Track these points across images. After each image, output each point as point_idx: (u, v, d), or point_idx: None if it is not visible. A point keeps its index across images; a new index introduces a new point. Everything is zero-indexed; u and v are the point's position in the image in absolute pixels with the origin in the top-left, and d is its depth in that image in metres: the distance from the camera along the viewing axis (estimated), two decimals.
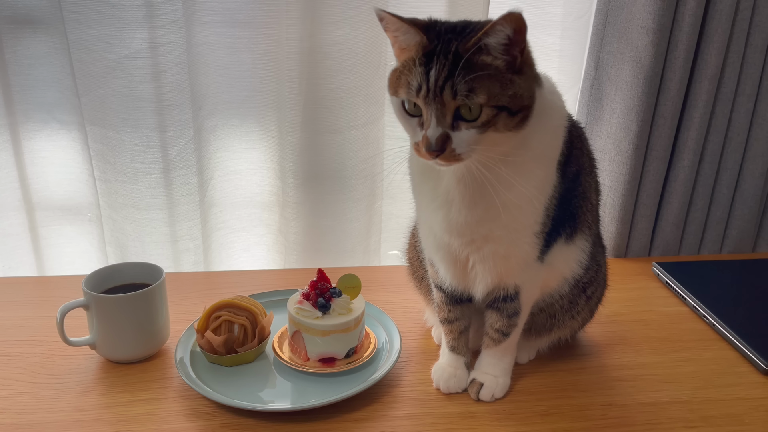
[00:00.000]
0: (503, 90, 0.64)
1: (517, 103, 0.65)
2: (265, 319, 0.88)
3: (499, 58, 0.64)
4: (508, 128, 0.66)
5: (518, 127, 0.67)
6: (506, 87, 0.65)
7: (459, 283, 0.82)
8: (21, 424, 0.77)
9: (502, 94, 0.64)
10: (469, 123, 0.65)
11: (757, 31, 1.12)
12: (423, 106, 0.66)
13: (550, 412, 0.81)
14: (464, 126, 0.65)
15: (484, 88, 0.63)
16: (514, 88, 0.65)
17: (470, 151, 0.66)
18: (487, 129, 0.65)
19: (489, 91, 0.63)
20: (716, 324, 0.99)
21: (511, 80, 0.65)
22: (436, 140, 0.65)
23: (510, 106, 0.65)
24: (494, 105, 0.64)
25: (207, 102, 1.14)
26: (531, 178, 0.71)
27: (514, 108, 0.65)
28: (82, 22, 1.03)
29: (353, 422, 0.78)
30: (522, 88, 0.66)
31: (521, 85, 0.66)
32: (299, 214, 1.22)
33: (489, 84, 0.64)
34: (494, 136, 0.66)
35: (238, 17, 1.09)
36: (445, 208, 0.74)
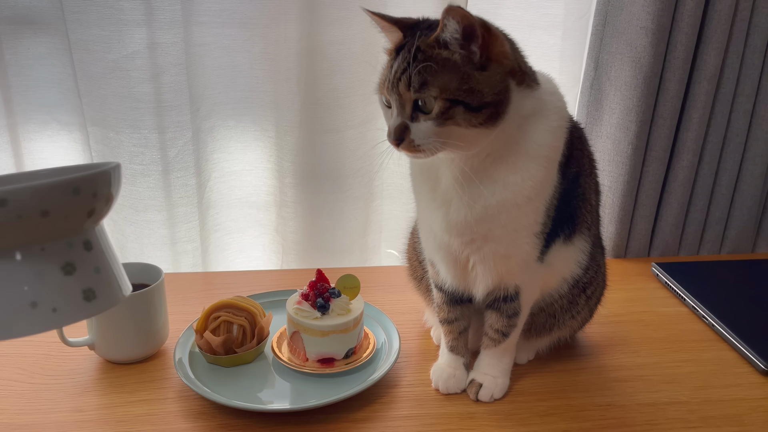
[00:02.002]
0: (459, 84, 0.64)
1: (476, 99, 0.65)
2: (263, 320, 0.88)
3: (456, 52, 0.65)
4: (471, 124, 0.66)
5: (486, 124, 0.66)
6: (462, 81, 0.65)
7: (459, 283, 0.82)
8: (20, 424, 0.77)
9: (457, 88, 0.64)
10: (426, 115, 0.66)
11: (756, 32, 1.12)
12: (388, 97, 0.68)
13: (549, 412, 0.81)
14: (422, 117, 0.66)
15: (437, 81, 0.64)
16: (471, 83, 0.65)
17: (430, 144, 0.66)
18: (445, 122, 0.65)
19: (441, 84, 0.64)
20: (715, 324, 0.99)
21: (468, 74, 0.65)
22: (395, 129, 0.67)
23: (467, 101, 0.65)
24: (447, 98, 0.64)
25: (205, 103, 1.14)
26: (528, 177, 0.71)
27: (472, 103, 0.65)
28: (83, 22, 1.03)
29: (352, 423, 0.78)
30: (482, 84, 0.65)
31: (481, 80, 0.65)
32: (297, 213, 1.22)
33: (443, 77, 0.64)
34: (458, 130, 0.66)
35: (235, 18, 1.09)
36: (444, 208, 0.74)
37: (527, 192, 0.71)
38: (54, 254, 0.46)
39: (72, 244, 0.48)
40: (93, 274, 0.49)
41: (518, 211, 0.72)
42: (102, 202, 0.49)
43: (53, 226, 0.45)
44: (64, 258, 0.47)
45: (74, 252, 0.48)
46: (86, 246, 0.49)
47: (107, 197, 0.49)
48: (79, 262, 0.48)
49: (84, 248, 0.48)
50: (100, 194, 0.48)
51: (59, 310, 0.46)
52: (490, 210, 0.72)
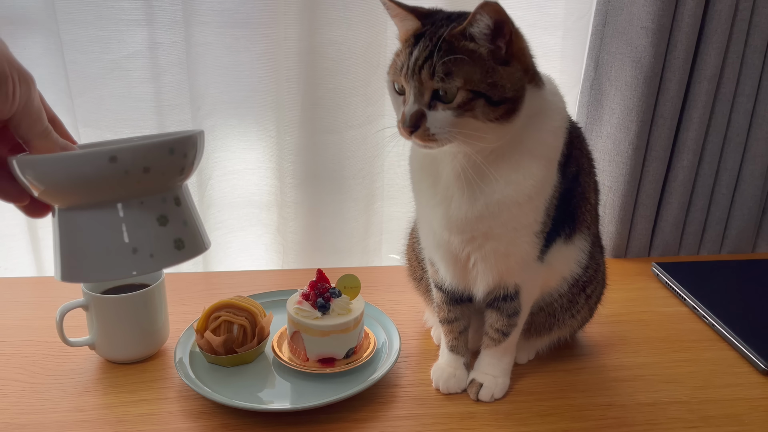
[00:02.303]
0: (483, 77, 0.65)
1: (498, 93, 0.65)
2: (264, 320, 0.88)
3: (483, 45, 0.65)
4: (488, 117, 0.66)
5: (502, 119, 0.67)
6: (487, 74, 0.65)
7: (459, 282, 0.82)
8: (20, 424, 0.77)
9: (481, 80, 0.65)
10: (445, 104, 0.66)
11: (756, 32, 1.12)
12: (405, 84, 0.68)
13: (549, 412, 0.81)
14: (440, 107, 0.66)
15: (462, 72, 0.64)
16: (494, 77, 0.65)
17: (445, 134, 0.66)
18: (464, 113, 0.65)
19: (466, 76, 0.64)
20: (716, 324, 0.99)
21: (493, 69, 0.65)
22: (411, 116, 0.66)
23: (489, 94, 0.65)
24: (471, 89, 0.65)
25: (206, 102, 1.14)
26: (529, 176, 0.71)
27: (494, 97, 0.65)
28: (78, 22, 1.03)
29: (352, 422, 0.78)
30: (505, 79, 0.66)
31: (504, 76, 0.66)
32: (297, 213, 1.22)
33: (468, 69, 0.65)
34: (474, 123, 0.66)
35: (236, 17, 1.09)
36: (444, 204, 0.75)
37: (528, 190, 0.72)
38: (151, 207, 0.52)
39: (165, 199, 0.53)
40: (182, 226, 0.55)
41: (519, 210, 0.73)
42: (190, 162, 0.55)
43: (151, 182, 0.51)
44: (159, 211, 0.53)
45: (167, 206, 0.53)
46: (176, 201, 0.55)
47: (194, 158, 0.55)
48: (171, 215, 0.54)
49: (174, 203, 0.54)
50: (189, 155, 0.54)
51: (155, 256, 0.52)
52: (491, 207, 0.72)
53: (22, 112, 0.49)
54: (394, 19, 0.72)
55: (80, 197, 0.50)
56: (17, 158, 0.50)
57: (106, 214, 0.51)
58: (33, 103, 0.50)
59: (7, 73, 0.46)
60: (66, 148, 0.53)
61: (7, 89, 0.46)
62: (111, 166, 0.48)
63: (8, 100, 0.47)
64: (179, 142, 0.53)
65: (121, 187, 0.50)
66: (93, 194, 0.50)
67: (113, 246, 0.51)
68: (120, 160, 0.48)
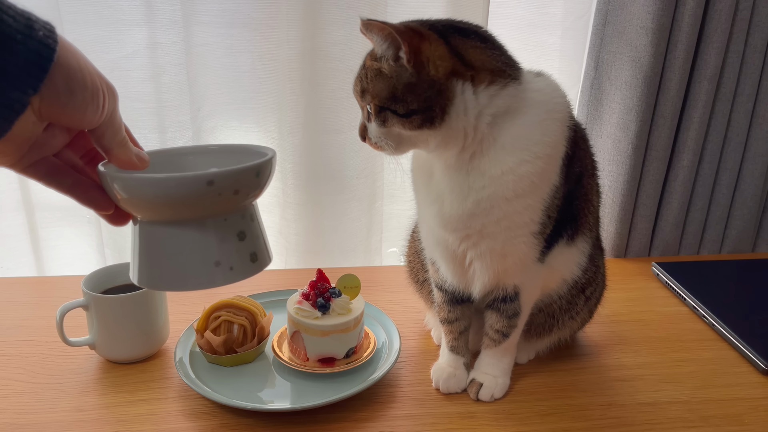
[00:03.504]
0: (387, 94, 0.69)
1: (401, 107, 0.68)
2: (264, 319, 0.88)
3: (385, 61, 0.69)
4: (407, 128, 0.69)
5: (425, 126, 0.69)
6: (388, 91, 0.68)
7: (459, 281, 0.82)
8: (20, 424, 0.77)
9: (385, 97, 0.69)
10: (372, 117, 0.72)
11: (756, 31, 1.12)
12: None
13: (549, 412, 0.81)
14: (372, 119, 0.72)
15: (371, 89, 0.70)
16: (395, 93, 0.68)
17: (383, 142, 0.72)
18: (384, 124, 0.70)
19: (374, 92, 0.70)
20: (716, 324, 0.99)
21: (394, 86, 0.68)
22: (359, 128, 0.75)
23: (393, 108, 0.69)
24: (377, 105, 0.70)
25: (206, 103, 1.14)
26: (508, 171, 0.70)
27: (399, 111, 0.68)
28: (80, 22, 1.03)
29: (353, 422, 0.78)
30: (407, 93, 0.68)
31: (408, 89, 0.68)
32: (300, 214, 1.22)
33: (376, 86, 0.69)
34: (400, 131, 0.70)
35: (237, 18, 1.09)
36: (438, 203, 0.75)
37: (512, 186, 0.71)
38: (233, 224, 0.56)
39: (244, 215, 0.57)
40: (256, 240, 0.58)
41: (509, 207, 0.72)
42: (268, 182, 0.58)
43: (237, 202, 0.55)
44: (239, 227, 0.56)
45: (245, 222, 0.57)
46: (251, 218, 0.58)
47: (270, 178, 0.59)
48: (248, 230, 0.57)
49: (251, 219, 0.58)
50: (269, 176, 0.58)
51: (235, 268, 0.56)
52: (482, 204, 0.72)
53: (107, 122, 0.51)
54: None
55: (173, 214, 0.53)
56: (117, 176, 0.52)
57: (193, 228, 0.54)
58: (116, 115, 0.52)
59: (98, 87, 0.48)
60: (140, 156, 0.55)
61: (98, 101, 0.48)
62: (207, 189, 0.52)
63: (98, 112, 0.49)
64: (263, 165, 0.56)
65: (213, 206, 0.54)
66: (186, 212, 0.53)
67: (197, 259, 0.54)
68: (216, 183, 0.52)
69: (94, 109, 0.48)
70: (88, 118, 0.49)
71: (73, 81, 0.46)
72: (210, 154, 0.64)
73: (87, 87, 0.47)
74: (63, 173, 0.55)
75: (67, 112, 0.47)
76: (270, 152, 0.59)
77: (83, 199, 0.55)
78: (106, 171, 0.53)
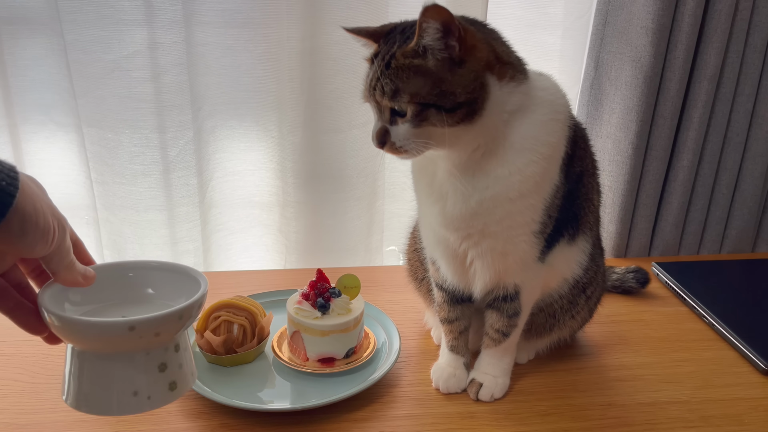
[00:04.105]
0: (430, 89, 0.66)
1: (449, 101, 0.66)
2: (264, 319, 0.88)
3: (431, 58, 0.66)
4: (447, 123, 0.66)
5: (463, 122, 0.67)
6: (434, 86, 0.66)
7: (459, 280, 0.82)
8: (20, 424, 0.77)
9: (429, 92, 0.66)
10: (402, 118, 0.68)
11: (756, 31, 1.12)
12: (369, 103, 0.70)
13: (549, 412, 0.81)
14: (400, 121, 0.68)
15: (408, 88, 0.66)
16: (444, 86, 0.66)
17: (411, 145, 0.68)
18: (421, 124, 0.67)
19: (412, 90, 0.66)
20: (716, 324, 0.99)
21: (441, 78, 0.66)
22: (376, 134, 0.70)
23: (440, 104, 0.66)
24: (418, 102, 0.66)
25: (206, 103, 1.14)
26: (516, 171, 0.71)
27: (445, 105, 0.66)
28: (80, 22, 1.03)
29: (352, 422, 0.78)
30: (455, 85, 0.66)
31: (455, 81, 0.66)
32: (300, 213, 1.22)
33: (414, 83, 0.66)
34: (434, 130, 0.67)
35: (237, 17, 1.09)
36: (440, 202, 0.75)
37: (517, 186, 0.71)
38: (155, 357, 0.59)
39: (168, 348, 0.60)
40: (177, 369, 0.61)
41: (512, 206, 0.72)
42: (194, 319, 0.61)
43: (159, 340, 0.58)
44: (161, 359, 0.59)
45: (168, 354, 0.60)
46: (176, 348, 0.61)
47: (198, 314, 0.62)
48: (170, 361, 0.60)
49: (174, 350, 0.60)
50: (194, 315, 0.60)
51: (152, 398, 0.59)
52: (485, 204, 0.72)
53: (55, 251, 0.55)
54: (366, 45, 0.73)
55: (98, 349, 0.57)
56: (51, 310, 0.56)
57: (116, 361, 0.57)
58: (65, 243, 0.56)
59: (50, 225, 0.52)
60: (85, 275, 0.59)
61: (48, 238, 0.52)
62: (129, 333, 0.55)
63: (47, 246, 0.53)
64: (187, 308, 0.58)
65: (134, 345, 0.57)
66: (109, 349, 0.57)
67: (117, 388, 0.58)
68: (138, 329, 0.55)
69: (44, 244, 0.52)
70: (37, 251, 0.53)
71: (26, 223, 0.50)
72: (152, 270, 0.67)
73: (39, 227, 0.51)
74: (6, 295, 0.58)
75: (17, 247, 0.51)
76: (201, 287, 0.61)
77: (20, 323, 0.59)
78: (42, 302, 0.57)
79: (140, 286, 0.66)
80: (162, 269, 0.67)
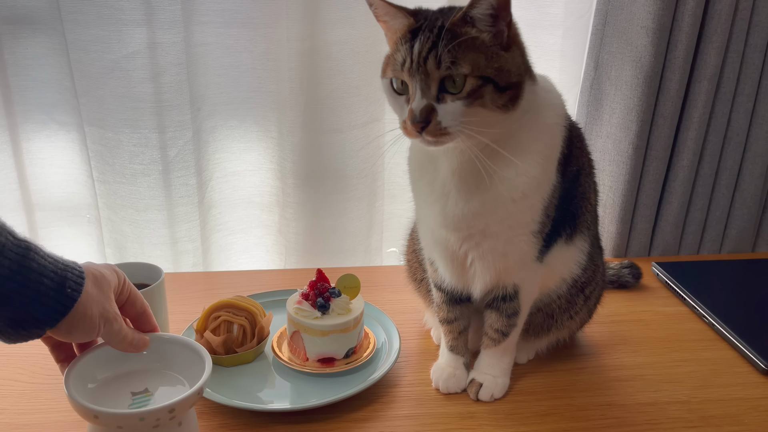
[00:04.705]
0: (489, 62, 0.65)
1: (504, 78, 0.65)
2: (264, 320, 0.88)
3: (484, 30, 0.65)
4: (496, 105, 0.66)
5: (507, 106, 0.66)
6: (492, 59, 0.65)
7: (458, 281, 0.82)
8: (20, 424, 0.77)
9: (488, 65, 0.64)
10: (454, 95, 0.65)
11: (756, 31, 1.12)
12: (408, 80, 0.66)
13: (549, 412, 0.81)
14: (449, 98, 0.65)
15: (468, 58, 0.64)
16: (500, 62, 0.65)
17: (457, 126, 0.65)
18: (474, 102, 0.65)
19: (473, 62, 0.64)
20: (716, 324, 0.99)
21: (497, 54, 0.65)
22: (420, 111, 0.65)
23: (496, 79, 0.65)
24: (479, 75, 0.64)
25: (206, 103, 1.14)
26: (522, 172, 0.71)
27: (501, 82, 0.65)
28: (81, 22, 1.03)
29: (352, 422, 0.78)
30: (509, 63, 0.66)
31: (508, 60, 0.66)
32: (300, 214, 1.22)
33: (474, 55, 0.64)
34: (482, 112, 0.65)
35: (237, 17, 1.09)
36: (441, 201, 0.75)
37: (521, 187, 0.71)
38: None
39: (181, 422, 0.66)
40: None
41: (514, 207, 0.72)
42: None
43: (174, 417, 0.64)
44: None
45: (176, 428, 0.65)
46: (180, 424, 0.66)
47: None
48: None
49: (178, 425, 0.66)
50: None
51: None
52: (487, 204, 0.72)
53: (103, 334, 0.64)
54: (382, 19, 0.71)
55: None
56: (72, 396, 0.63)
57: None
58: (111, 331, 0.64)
59: (96, 326, 0.61)
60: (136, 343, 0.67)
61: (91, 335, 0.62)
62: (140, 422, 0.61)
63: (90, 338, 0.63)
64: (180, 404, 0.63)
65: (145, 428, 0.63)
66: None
67: None
68: (147, 418, 0.61)
69: (86, 338, 0.63)
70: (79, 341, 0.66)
71: (75, 327, 0.59)
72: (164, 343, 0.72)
73: (84, 329, 0.60)
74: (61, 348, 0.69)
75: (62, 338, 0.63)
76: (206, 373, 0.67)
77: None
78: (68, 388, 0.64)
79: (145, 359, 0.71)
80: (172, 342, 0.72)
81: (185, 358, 0.70)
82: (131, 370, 0.70)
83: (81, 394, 0.64)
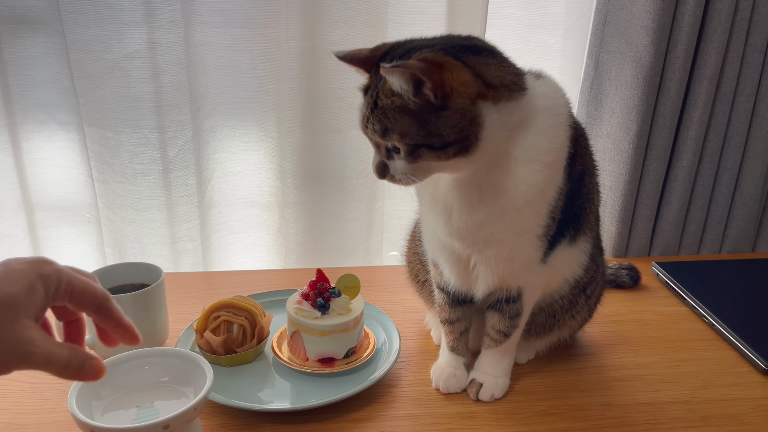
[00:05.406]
0: (417, 129, 0.64)
1: (438, 140, 0.64)
2: (264, 319, 0.88)
3: (410, 99, 0.64)
4: (441, 159, 0.65)
5: (458, 155, 0.65)
6: (420, 126, 0.64)
7: (462, 283, 0.82)
8: (20, 424, 0.77)
9: (416, 133, 0.64)
10: (398, 154, 0.67)
11: (756, 31, 1.12)
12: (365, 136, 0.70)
13: (549, 412, 0.81)
14: (396, 156, 0.67)
15: (396, 128, 0.65)
16: (429, 127, 0.64)
17: (409, 178, 0.68)
18: (416, 161, 0.66)
19: (401, 130, 0.65)
20: (716, 324, 0.99)
21: (426, 120, 0.64)
22: (375, 167, 0.70)
23: (429, 144, 0.65)
24: (408, 143, 0.65)
25: (206, 102, 1.14)
26: (521, 182, 0.70)
27: (435, 144, 0.64)
28: (81, 22, 1.03)
29: (352, 422, 0.78)
30: (443, 126, 0.64)
31: (441, 123, 0.64)
32: (299, 214, 1.22)
33: (401, 123, 0.65)
34: (431, 164, 0.66)
35: (236, 17, 1.09)
36: (445, 214, 0.74)
37: (523, 195, 0.71)
38: None
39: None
40: None
41: (519, 215, 0.72)
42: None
43: None
44: None
45: None
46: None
47: None
48: None
49: None
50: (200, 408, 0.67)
51: None
52: (492, 215, 0.72)
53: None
54: None
55: None
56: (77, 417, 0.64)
57: None
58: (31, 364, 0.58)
59: None
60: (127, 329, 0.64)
61: None
62: None
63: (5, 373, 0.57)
64: (201, 402, 0.65)
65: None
66: None
67: None
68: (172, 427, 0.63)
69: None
70: None
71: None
72: (164, 357, 0.74)
73: None
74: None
75: None
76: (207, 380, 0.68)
77: None
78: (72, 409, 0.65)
79: (153, 374, 0.72)
80: (172, 356, 0.73)
81: (191, 372, 0.71)
82: (140, 386, 0.71)
83: (85, 409, 0.65)
